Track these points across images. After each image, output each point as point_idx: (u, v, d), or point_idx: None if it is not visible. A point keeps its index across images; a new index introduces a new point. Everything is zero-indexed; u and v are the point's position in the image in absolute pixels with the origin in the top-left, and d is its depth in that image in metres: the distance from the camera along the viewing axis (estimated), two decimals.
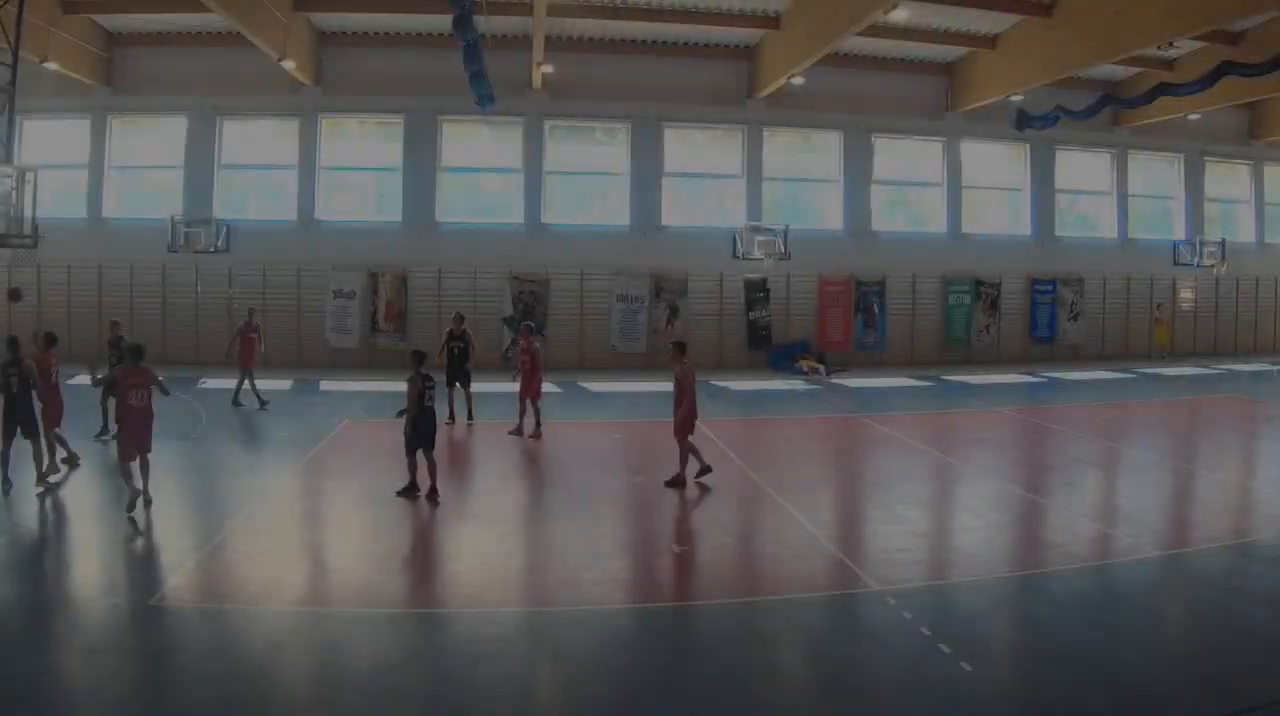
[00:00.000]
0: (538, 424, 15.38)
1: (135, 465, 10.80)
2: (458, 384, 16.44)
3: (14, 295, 16.07)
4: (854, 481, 13.10)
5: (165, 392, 11.34)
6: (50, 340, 12.38)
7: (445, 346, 16.71)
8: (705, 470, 12.11)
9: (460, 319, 17.13)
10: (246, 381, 17.82)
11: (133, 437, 10.83)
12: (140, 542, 9.85)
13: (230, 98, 23.72)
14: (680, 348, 12.42)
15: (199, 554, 9.30)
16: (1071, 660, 6.85)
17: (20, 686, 6.37)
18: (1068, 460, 13.93)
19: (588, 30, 23.28)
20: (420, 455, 11.31)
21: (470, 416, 16.38)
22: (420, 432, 11.25)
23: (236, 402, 17.81)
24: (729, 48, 24.22)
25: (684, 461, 12.03)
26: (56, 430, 12.19)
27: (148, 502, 10.72)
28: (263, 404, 17.56)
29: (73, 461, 12.47)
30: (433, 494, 11.20)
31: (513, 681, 6.72)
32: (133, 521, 10.29)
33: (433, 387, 11.40)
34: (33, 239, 16.61)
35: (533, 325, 17.93)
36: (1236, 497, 12.06)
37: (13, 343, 12.16)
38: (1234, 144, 27.61)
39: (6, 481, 11.49)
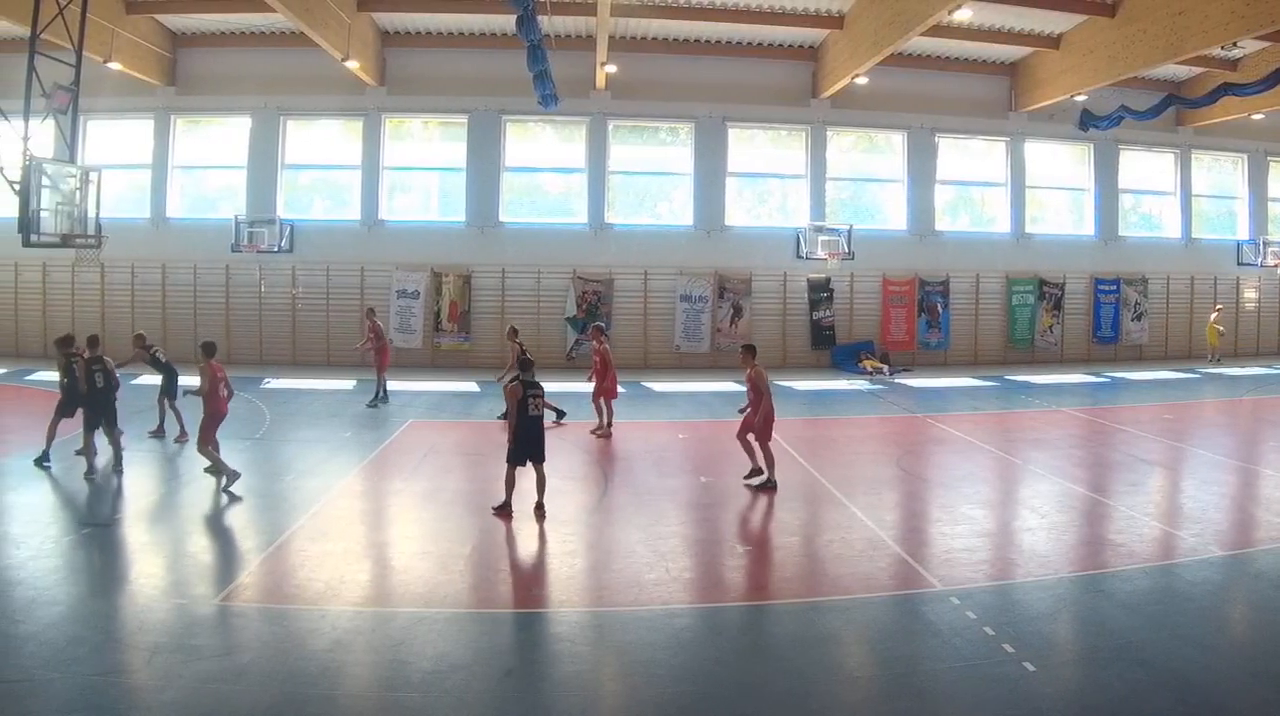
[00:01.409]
0: (608, 423, 15.40)
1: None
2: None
3: None
4: (918, 481, 12.98)
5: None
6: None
7: None
8: (756, 472, 11.97)
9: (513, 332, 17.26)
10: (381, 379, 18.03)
11: (216, 428, 11.54)
12: (206, 542, 9.86)
13: (294, 97, 23.76)
14: (750, 351, 12.37)
15: (263, 554, 9.34)
16: (1135, 660, 6.80)
17: (85, 687, 6.38)
18: (1131, 460, 13.81)
19: (651, 30, 23.23)
20: (529, 467, 10.64)
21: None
22: (526, 444, 10.55)
23: (381, 400, 17.92)
24: (793, 47, 24.15)
25: (770, 463, 11.87)
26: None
27: (234, 478, 11.36)
28: (380, 400, 17.86)
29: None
30: (539, 509, 10.50)
31: (577, 682, 6.72)
32: (231, 495, 10.93)
33: (538, 394, 10.67)
34: (96, 239, 16.58)
35: (602, 325, 17.87)
36: None
37: (94, 340, 12.39)
38: None
39: (92, 469, 11.87)
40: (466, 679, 6.62)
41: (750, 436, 11.97)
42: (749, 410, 12.13)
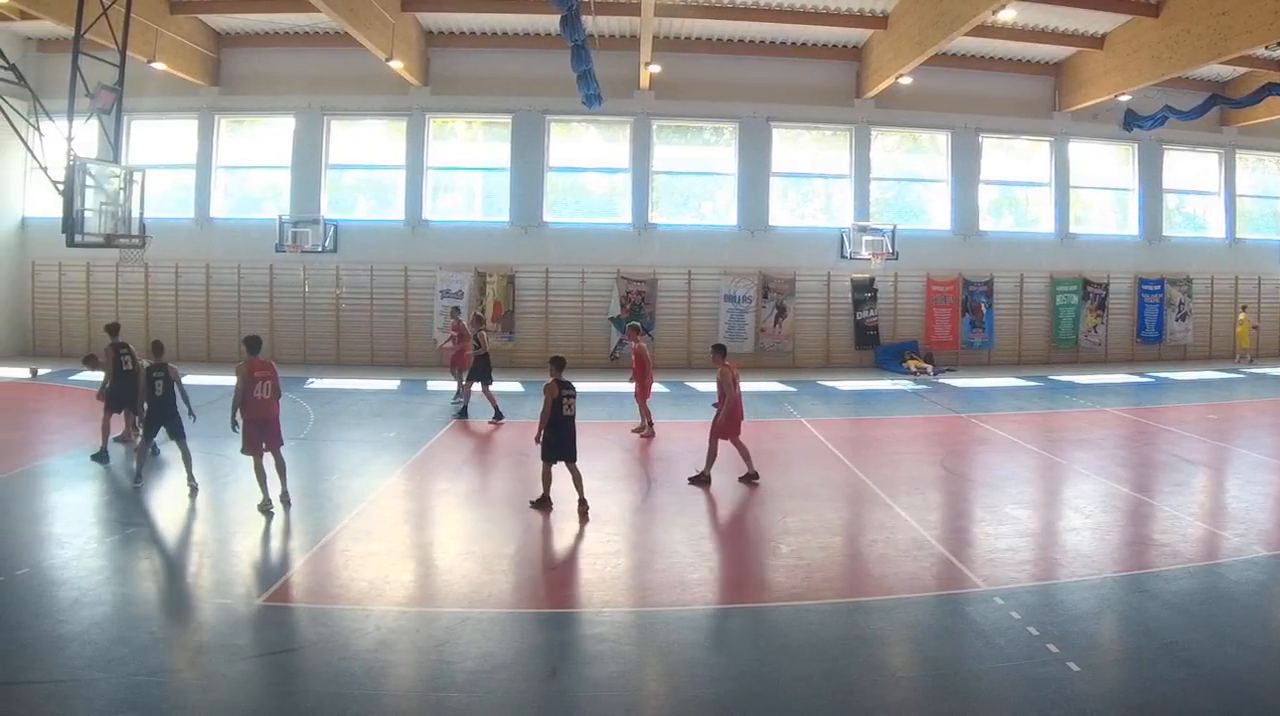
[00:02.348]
0: (649, 423, 15.30)
1: (268, 464, 10.55)
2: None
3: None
4: (961, 481, 12.92)
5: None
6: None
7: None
8: (753, 476, 12.09)
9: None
10: (464, 381, 17.69)
11: (258, 431, 10.49)
12: (250, 542, 9.80)
13: (338, 97, 23.78)
14: (719, 350, 12.65)
15: (308, 553, 9.33)
16: (1179, 660, 6.77)
17: (130, 687, 6.39)
18: (1175, 460, 13.73)
19: (695, 30, 23.24)
20: (563, 468, 10.73)
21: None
22: (558, 444, 10.68)
23: (459, 401, 17.60)
24: (837, 47, 24.12)
25: (712, 460, 12.13)
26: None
27: (286, 504, 10.63)
28: (458, 400, 17.55)
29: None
30: (582, 505, 10.59)
31: (621, 681, 6.71)
32: (267, 512, 10.47)
33: (572, 395, 10.76)
34: (140, 239, 16.57)
35: (639, 324, 17.67)
36: None
37: (158, 347, 12.12)
38: None
39: (139, 477, 11.63)
40: (510, 678, 6.63)
41: (717, 436, 12.15)
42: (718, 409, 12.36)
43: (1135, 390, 21.30)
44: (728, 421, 12.12)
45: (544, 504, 10.75)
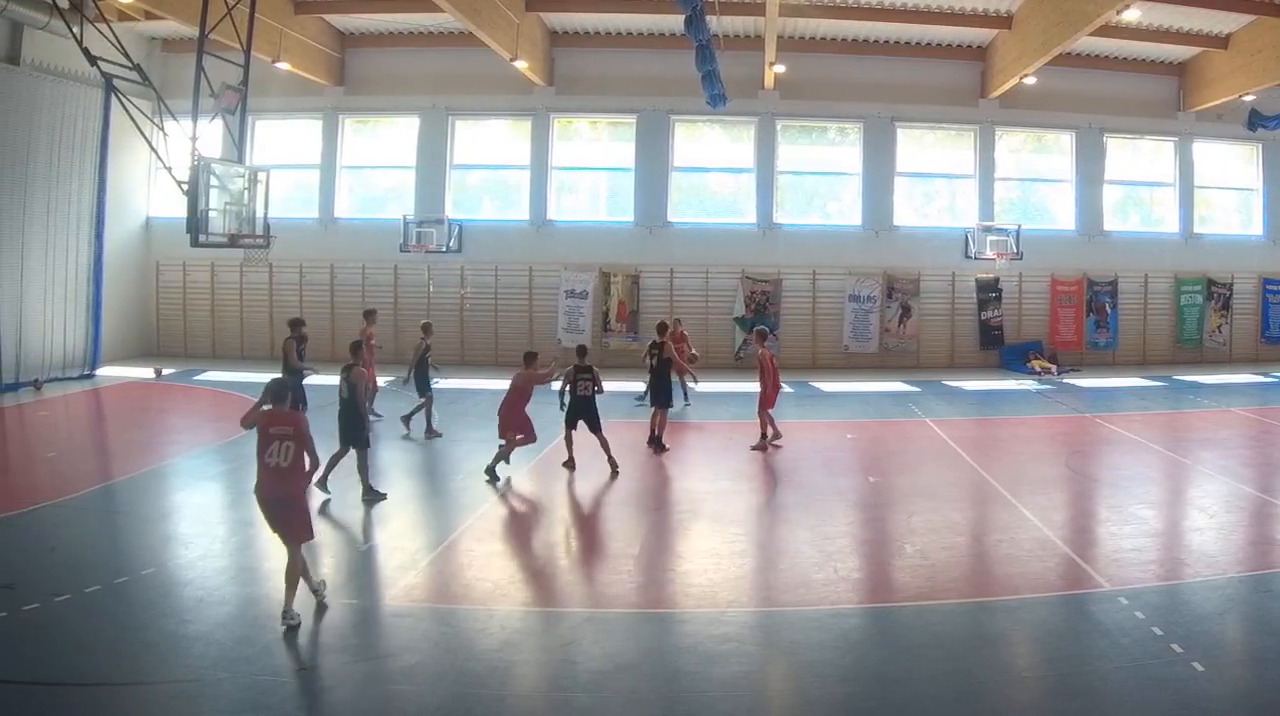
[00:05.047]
0: (771, 436, 14.20)
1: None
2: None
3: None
4: (1086, 481, 12.83)
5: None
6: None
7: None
8: (775, 435, 14.08)
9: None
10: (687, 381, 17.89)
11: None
12: (374, 542, 9.82)
13: (462, 97, 23.82)
14: (761, 334, 14.85)
15: (432, 554, 9.35)
16: None
17: (254, 687, 6.41)
18: None
19: (819, 30, 23.19)
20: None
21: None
22: (570, 411, 12.58)
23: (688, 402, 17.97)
24: (961, 47, 24.04)
25: (765, 429, 13.94)
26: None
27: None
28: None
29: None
30: (611, 464, 12.47)
31: (745, 681, 6.72)
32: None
33: (587, 379, 12.66)
34: (264, 239, 16.60)
35: (765, 328, 16.60)
36: None
37: (357, 347, 11.79)
38: None
39: (376, 492, 11.07)
40: (635, 679, 6.63)
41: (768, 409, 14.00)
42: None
43: (1260, 390, 21.12)
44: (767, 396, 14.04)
45: (569, 464, 12.55)
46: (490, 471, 12.07)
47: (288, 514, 7.58)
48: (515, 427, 12.25)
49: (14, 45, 18.95)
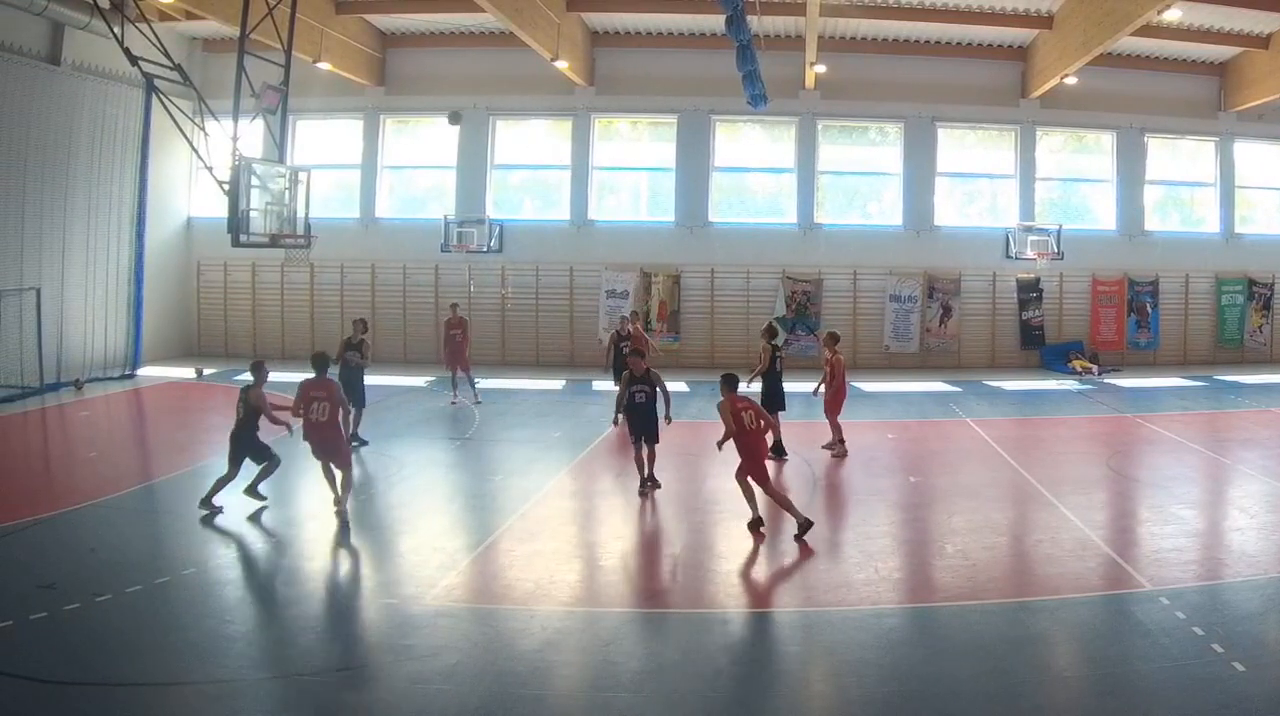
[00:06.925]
0: (838, 441, 13.91)
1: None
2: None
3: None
4: (1126, 481, 12.79)
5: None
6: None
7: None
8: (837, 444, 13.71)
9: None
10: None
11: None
12: (415, 542, 9.84)
13: (503, 97, 23.84)
14: (833, 338, 14.19)
15: (473, 554, 9.36)
16: None
17: (295, 686, 6.43)
18: None
19: (860, 30, 23.17)
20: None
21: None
22: (630, 425, 11.68)
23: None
24: (1002, 47, 24.01)
25: (837, 434, 13.62)
26: None
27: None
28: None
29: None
30: (652, 481, 11.59)
31: (786, 681, 6.76)
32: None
33: (641, 389, 11.55)
34: (305, 239, 16.59)
35: (838, 333, 15.42)
36: None
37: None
38: None
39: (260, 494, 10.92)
40: (677, 678, 6.64)
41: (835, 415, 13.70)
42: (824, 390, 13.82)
43: None
44: (834, 399, 13.77)
45: (641, 486, 11.59)
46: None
47: (333, 450, 10.25)
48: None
49: (55, 46, 18.98)
